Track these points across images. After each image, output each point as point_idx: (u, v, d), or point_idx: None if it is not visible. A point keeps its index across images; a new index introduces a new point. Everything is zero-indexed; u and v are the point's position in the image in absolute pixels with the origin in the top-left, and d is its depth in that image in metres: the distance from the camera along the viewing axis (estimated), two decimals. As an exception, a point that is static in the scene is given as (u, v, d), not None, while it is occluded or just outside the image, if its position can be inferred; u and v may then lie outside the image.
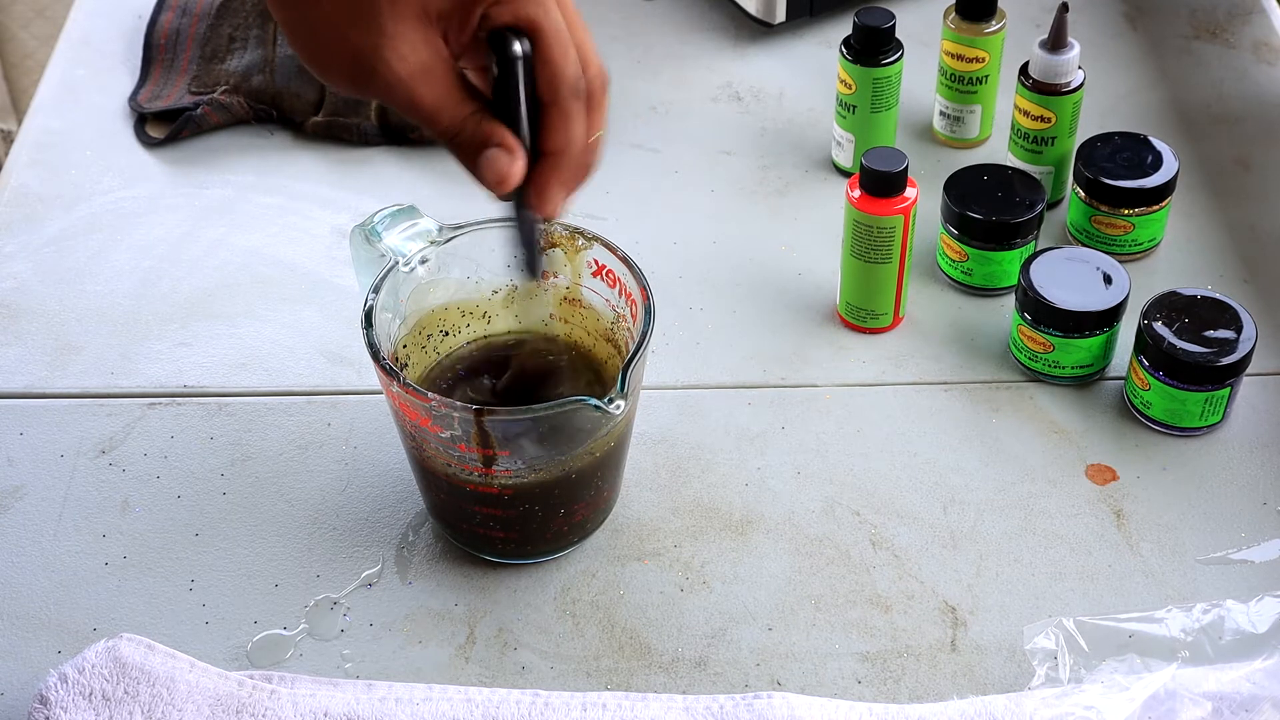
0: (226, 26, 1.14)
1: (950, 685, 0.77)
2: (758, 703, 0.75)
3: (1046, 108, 0.99)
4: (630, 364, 0.74)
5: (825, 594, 0.82)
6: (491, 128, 0.67)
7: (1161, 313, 0.88)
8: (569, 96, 0.67)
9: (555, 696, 0.76)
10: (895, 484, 0.87)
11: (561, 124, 0.68)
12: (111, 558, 0.84)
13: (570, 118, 0.68)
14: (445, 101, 0.66)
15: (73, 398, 0.92)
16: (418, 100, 0.65)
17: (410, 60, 0.64)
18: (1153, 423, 0.89)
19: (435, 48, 0.65)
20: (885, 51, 1.01)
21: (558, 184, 0.69)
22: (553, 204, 0.70)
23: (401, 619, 0.81)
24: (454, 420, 0.74)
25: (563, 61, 0.66)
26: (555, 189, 0.69)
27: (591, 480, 0.79)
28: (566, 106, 0.67)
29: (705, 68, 1.16)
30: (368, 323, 0.77)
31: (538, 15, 0.65)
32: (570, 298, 0.84)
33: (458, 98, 0.66)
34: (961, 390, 0.92)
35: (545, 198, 0.70)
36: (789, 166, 1.08)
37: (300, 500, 0.86)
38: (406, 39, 0.64)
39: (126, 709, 0.74)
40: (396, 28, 0.64)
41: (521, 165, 0.67)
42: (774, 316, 0.97)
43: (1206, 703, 0.74)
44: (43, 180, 1.07)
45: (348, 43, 0.64)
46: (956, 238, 0.96)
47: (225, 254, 1.02)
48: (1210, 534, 0.84)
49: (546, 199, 0.70)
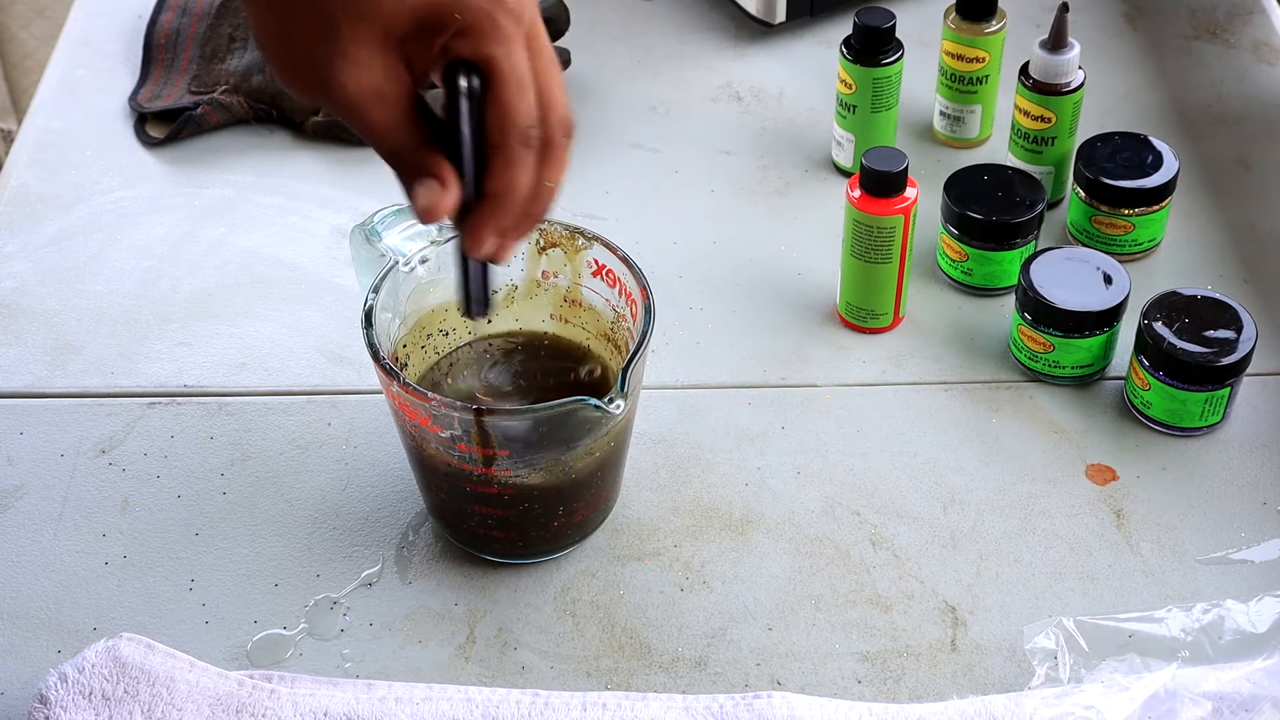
0: (226, 26, 1.14)
1: (950, 685, 0.77)
2: (758, 703, 0.75)
3: (1047, 108, 0.99)
4: (630, 364, 0.74)
5: (825, 594, 0.82)
6: (431, 158, 0.66)
7: (1161, 313, 0.88)
8: (516, 142, 0.66)
9: (555, 696, 0.76)
10: (895, 484, 0.87)
11: (503, 168, 0.66)
12: (111, 557, 0.84)
13: (513, 163, 0.66)
14: (392, 127, 0.66)
15: (73, 397, 0.92)
16: (366, 120, 0.65)
17: (363, 82, 0.64)
18: (1153, 423, 0.89)
19: (393, 73, 0.65)
20: (885, 51, 1.01)
21: (491, 227, 0.68)
22: (481, 246, 0.68)
23: (401, 619, 0.81)
24: (454, 420, 0.74)
25: (515, 105, 0.65)
26: (488, 232, 0.68)
27: (591, 480, 0.79)
28: (512, 151, 0.66)
29: (705, 68, 1.16)
30: (367, 322, 0.77)
31: (497, 54, 0.64)
32: (570, 298, 0.84)
33: (405, 124, 0.66)
34: (961, 390, 0.92)
35: (476, 239, 0.68)
36: (789, 166, 1.08)
37: (300, 500, 0.86)
38: (364, 62, 0.64)
39: (126, 708, 0.74)
40: (356, 50, 0.63)
41: (451, 199, 0.66)
42: (774, 316, 0.97)
43: (1206, 703, 0.74)
44: (43, 180, 1.07)
45: (309, 55, 0.64)
46: (956, 238, 0.96)
47: (225, 254, 1.02)
48: (1210, 534, 0.84)
49: (477, 241, 0.68)
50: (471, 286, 0.71)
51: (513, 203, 0.67)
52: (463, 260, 0.70)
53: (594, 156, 1.08)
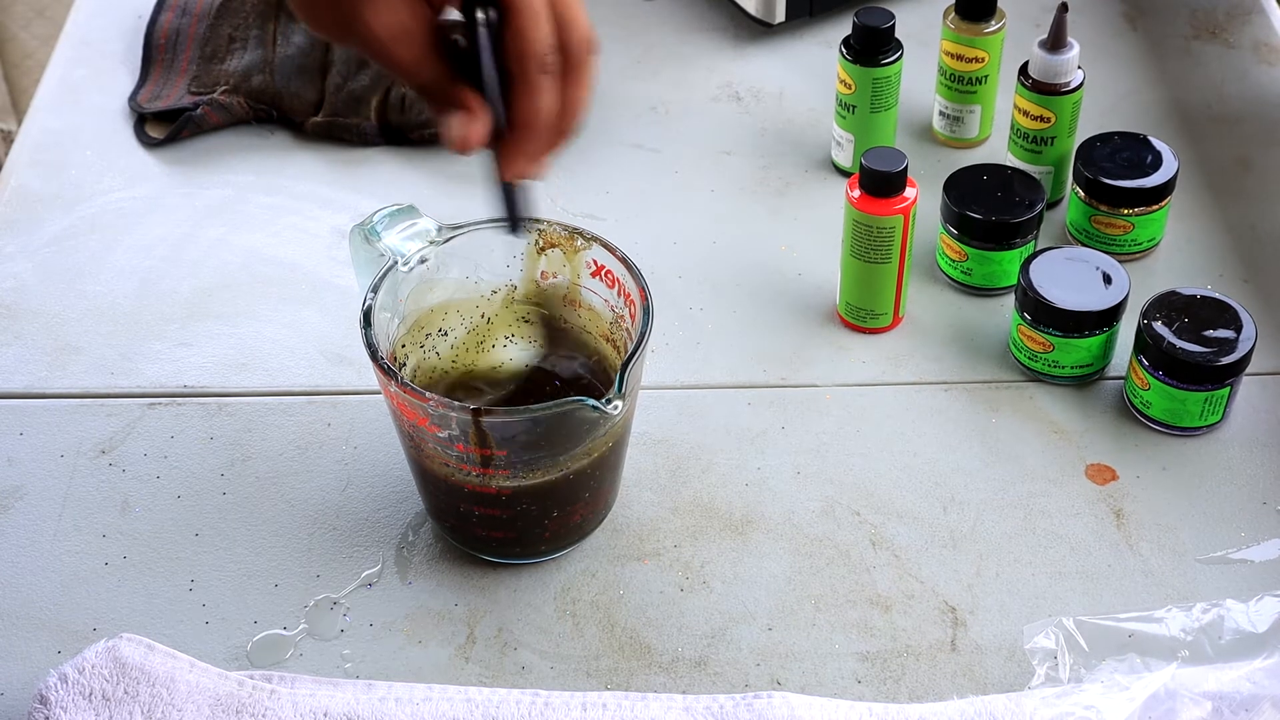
0: (226, 26, 1.14)
1: (950, 685, 0.77)
2: (758, 703, 0.75)
3: (1046, 108, 0.99)
4: (628, 365, 0.74)
5: (825, 594, 0.82)
6: (458, 90, 0.68)
7: (1161, 312, 0.88)
8: (534, 70, 0.68)
9: (555, 696, 0.76)
10: (895, 484, 0.87)
11: (526, 95, 0.69)
12: (111, 558, 0.84)
13: (535, 91, 0.68)
14: (419, 61, 0.68)
15: (73, 398, 0.92)
16: (393, 58, 0.68)
17: (388, 19, 0.66)
18: (1153, 422, 0.89)
19: (415, 9, 0.67)
20: (885, 51, 1.01)
21: (522, 154, 0.70)
22: (515, 170, 0.71)
23: (401, 619, 0.81)
24: (452, 420, 0.74)
25: (531, 34, 0.67)
26: (519, 159, 0.70)
27: (589, 481, 0.79)
28: (532, 79, 0.68)
29: (705, 68, 1.16)
30: (366, 322, 0.77)
31: None
32: (569, 298, 0.84)
33: (432, 59, 0.68)
34: (961, 390, 0.92)
35: (510, 164, 0.71)
36: (789, 166, 1.08)
37: (300, 500, 0.86)
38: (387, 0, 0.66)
39: (126, 709, 0.74)
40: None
41: (480, 129, 0.68)
42: (774, 316, 0.97)
43: (1206, 702, 0.74)
44: (43, 180, 1.07)
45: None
46: (956, 238, 0.96)
47: (225, 254, 1.02)
48: (1210, 534, 0.84)
49: (512, 165, 0.71)
50: (512, 206, 0.73)
51: (540, 127, 0.69)
52: (500, 184, 0.72)
53: (594, 156, 1.08)
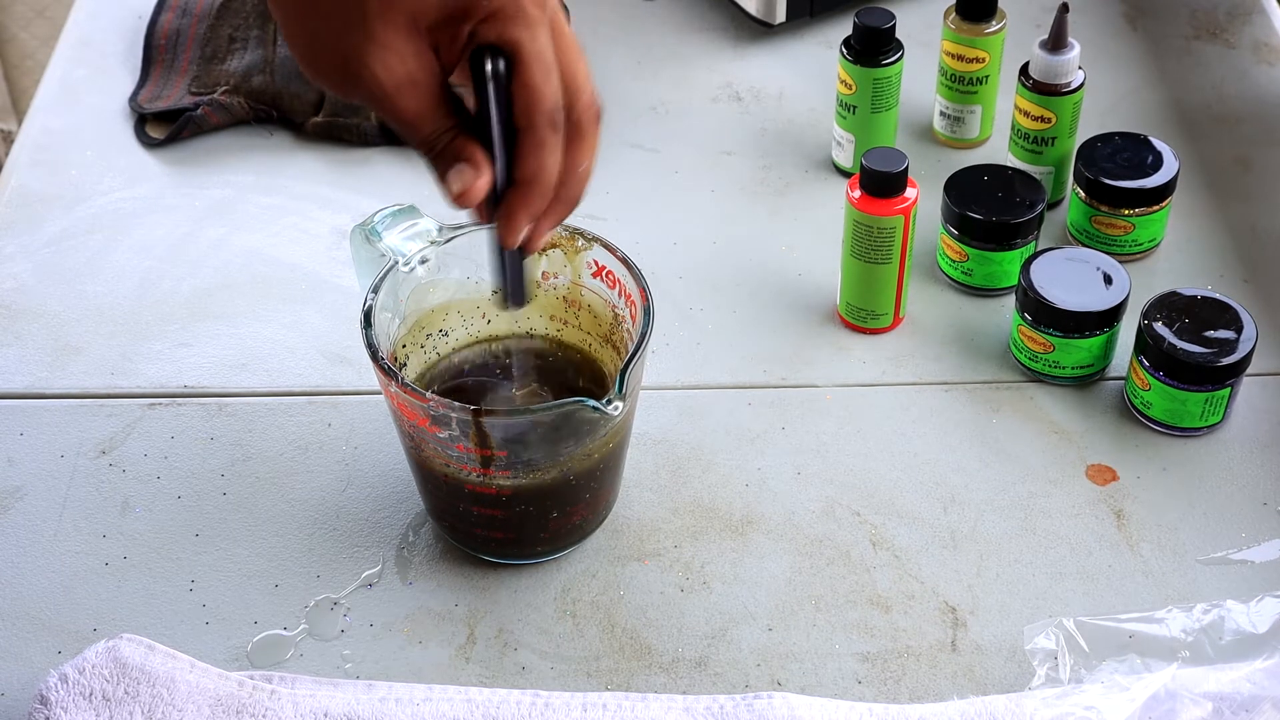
0: (226, 27, 1.14)
1: (950, 685, 0.77)
2: (758, 703, 0.75)
3: (1046, 108, 0.99)
4: (628, 365, 0.74)
5: (825, 594, 0.82)
6: (463, 143, 0.67)
7: (1162, 313, 0.88)
8: (543, 125, 0.66)
9: (555, 697, 0.76)
10: (895, 484, 0.87)
11: (533, 152, 0.67)
12: (111, 558, 0.84)
13: (543, 147, 0.67)
14: (425, 113, 0.66)
15: (73, 398, 0.92)
16: (399, 109, 0.66)
17: (395, 70, 0.65)
18: (1153, 423, 0.89)
19: (423, 60, 0.65)
20: (885, 52, 1.01)
21: (523, 212, 0.68)
22: (515, 233, 0.69)
23: (401, 619, 0.81)
24: (452, 420, 0.74)
25: (541, 88, 0.66)
26: (520, 217, 0.68)
27: (589, 481, 0.79)
28: (540, 135, 0.67)
29: (705, 68, 1.16)
30: (367, 322, 0.77)
31: (522, 38, 0.65)
32: (570, 298, 0.84)
33: (438, 111, 0.66)
34: (962, 390, 0.92)
35: (510, 226, 0.69)
36: (789, 166, 1.08)
37: (300, 500, 0.86)
38: (394, 49, 0.64)
39: (127, 709, 0.74)
40: (386, 37, 0.64)
41: (484, 182, 0.67)
42: (774, 316, 0.97)
43: (1207, 703, 0.73)
44: (43, 180, 1.07)
45: (339, 47, 0.65)
46: (956, 238, 0.96)
47: (225, 254, 1.02)
48: (1210, 534, 0.84)
49: (511, 227, 0.69)
50: (509, 277, 0.72)
51: (544, 186, 0.68)
52: (499, 251, 0.71)
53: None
